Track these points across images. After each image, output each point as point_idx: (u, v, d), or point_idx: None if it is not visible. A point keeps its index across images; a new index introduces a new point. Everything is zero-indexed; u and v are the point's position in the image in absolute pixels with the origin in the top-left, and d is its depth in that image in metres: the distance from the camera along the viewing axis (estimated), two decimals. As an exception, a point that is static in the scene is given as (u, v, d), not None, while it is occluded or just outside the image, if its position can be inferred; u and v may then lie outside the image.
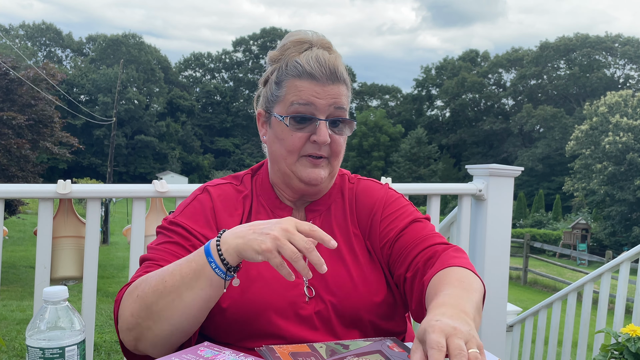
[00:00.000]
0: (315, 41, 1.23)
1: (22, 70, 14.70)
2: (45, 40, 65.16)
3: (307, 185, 1.21)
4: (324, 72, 1.17)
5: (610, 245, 25.98)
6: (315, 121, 1.17)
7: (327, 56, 1.19)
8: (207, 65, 70.83)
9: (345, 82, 1.23)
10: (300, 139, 1.18)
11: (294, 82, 1.18)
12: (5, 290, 9.84)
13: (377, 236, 1.25)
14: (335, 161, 1.22)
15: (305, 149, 1.19)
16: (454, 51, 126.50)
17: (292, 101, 1.18)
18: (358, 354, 1.04)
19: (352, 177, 1.35)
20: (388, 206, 1.27)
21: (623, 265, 3.25)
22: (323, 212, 1.27)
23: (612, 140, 28.66)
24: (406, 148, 50.33)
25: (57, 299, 0.94)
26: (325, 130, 1.17)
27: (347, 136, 1.25)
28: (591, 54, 50.47)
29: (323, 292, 1.17)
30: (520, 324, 3.97)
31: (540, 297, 12.19)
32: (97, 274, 2.12)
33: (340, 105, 1.19)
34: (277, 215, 1.24)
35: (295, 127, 1.18)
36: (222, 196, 1.25)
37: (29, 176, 13.39)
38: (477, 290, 1.04)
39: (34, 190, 2.07)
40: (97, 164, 54.08)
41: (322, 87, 1.17)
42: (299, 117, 1.18)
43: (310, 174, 1.19)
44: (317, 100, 1.17)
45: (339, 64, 1.20)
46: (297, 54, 1.20)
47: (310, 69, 1.17)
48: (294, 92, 1.18)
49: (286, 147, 1.20)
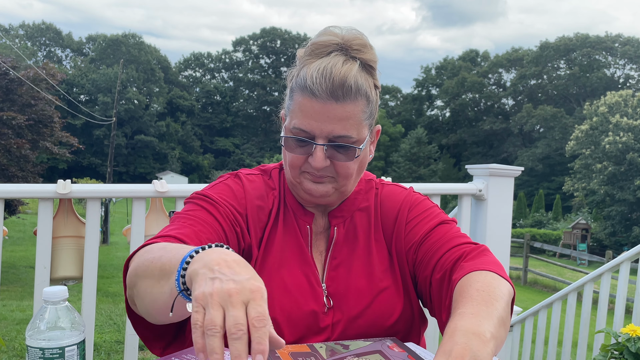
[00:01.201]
0: (342, 43, 1.10)
1: (22, 70, 14.70)
2: (45, 40, 65.14)
3: (310, 196, 1.15)
4: (325, 89, 1.05)
5: (610, 245, 25.99)
6: (312, 145, 1.09)
7: (339, 67, 1.07)
8: (207, 65, 70.81)
9: (358, 96, 1.09)
10: (298, 159, 1.12)
11: (299, 98, 1.09)
12: (5, 290, 9.83)
13: (402, 240, 1.21)
14: (343, 180, 1.14)
15: (306, 167, 1.13)
16: (454, 51, 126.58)
17: (294, 120, 1.10)
18: (358, 354, 1.04)
19: (377, 181, 1.30)
20: (413, 209, 1.23)
21: (623, 265, 3.24)
22: (347, 219, 1.22)
23: (612, 140, 28.66)
24: (406, 148, 50.33)
25: (57, 299, 0.94)
26: (320, 155, 1.08)
27: (361, 158, 1.14)
28: (591, 54, 50.48)
29: (342, 302, 1.15)
30: (520, 324, 3.97)
31: (540, 297, 12.19)
32: (97, 274, 2.12)
33: (341, 131, 1.08)
34: (300, 219, 1.20)
35: (292, 147, 1.12)
36: (254, 184, 1.20)
37: (29, 176, 13.39)
38: (501, 297, 0.96)
39: (34, 190, 2.07)
40: (97, 164, 54.07)
41: (322, 105, 1.06)
42: (294, 140, 1.11)
43: (313, 187, 1.13)
44: (313, 123, 1.07)
45: (350, 75, 1.07)
46: (313, 61, 1.10)
47: (312, 84, 1.06)
48: (297, 109, 1.10)
49: (288, 163, 1.15)
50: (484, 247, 1.15)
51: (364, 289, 1.16)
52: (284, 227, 1.18)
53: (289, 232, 1.18)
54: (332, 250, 1.19)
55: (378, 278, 1.18)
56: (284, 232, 1.18)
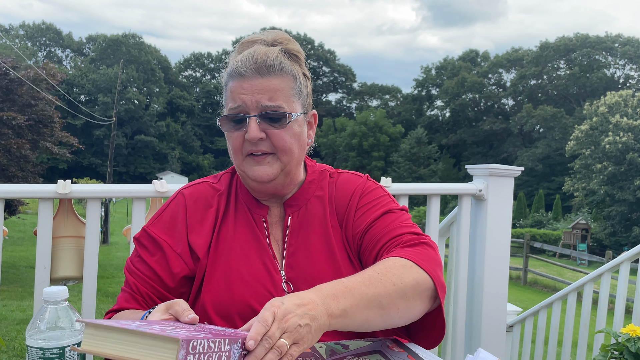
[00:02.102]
0: (266, 39, 1.20)
1: (22, 70, 14.70)
2: (45, 40, 65.13)
3: (258, 183, 1.19)
4: (250, 67, 1.13)
5: (610, 245, 25.97)
6: (245, 120, 1.15)
7: (262, 49, 1.16)
8: (207, 65, 70.80)
9: (283, 74, 1.16)
10: (237, 138, 1.17)
11: (229, 85, 1.18)
12: (5, 290, 9.84)
13: (351, 227, 1.24)
14: (284, 156, 1.18)
15: (245, 148, 1.17)
16: (454, 51, 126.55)
17: (228, 104, 1.17)
18: (358, 354, 1.04)
19: (334, 171, 1.34)
20: (364, 197, 1.27)
21: (623, 265, 3.24)
22: (301, 207, 1.26)
23: (612, 140, 28.65)
24: (406, 148, 50.31)
25: (57, 299, 0.94)
26: (254, 126, 1.14)
27: (300, 128, 1.20)
28: (591, 54, 50.46)
29: (302, 287, 1.17)
30: (520, 324, 3.97)
31: (540, 297, 12.19)
32: (97, 274, 2.12)
33: (268, 101, 1.14)
34: (255, 213, 1.25)
35: (230, 128, 1.18)
36: (195, 195, 1.26)
37: (29, 176, 13.39)
38: (394, 284, 1.02)
39: (34, 190, 2.06)
40: (97, 164, 54.06)
41: (249, 82, 1.14)
42: (230, 117, 1.17)
43: (256, 171, 1.18)
44: (244, 97, 1.14)
45: (272, 54, 1.15)
46: (239, 53, 1.19)
47: (238, 66, 1.15)
48: (229, 96, 1.17)
49: (231, 150, 1.21)
50: (425, 238, 1.18)
51: (325, 273, 1.19)
52: (236, 222, 1.24)
53: (243, 226, 1.23)
54: (288, 238, 1.23)
55: (339, 263, 1.21)
56: (236, 226, 1.23)
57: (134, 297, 1.18)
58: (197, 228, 1.22)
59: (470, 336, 2.64)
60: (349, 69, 68.95)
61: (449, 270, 2.71)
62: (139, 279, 1.19)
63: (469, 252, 2.66)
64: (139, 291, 1.18)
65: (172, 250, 1.20)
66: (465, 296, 2.63)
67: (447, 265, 2.76)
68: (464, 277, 2.62)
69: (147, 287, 1.18)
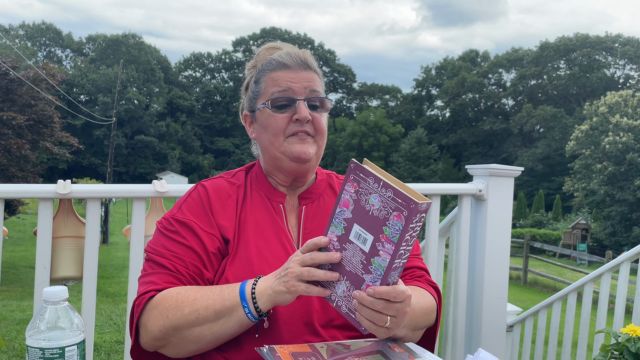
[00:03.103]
0: (287, 46, 1.35)
1: (22, 70, 14.69)
2: (45, 40, 65.13)
3: (297, 162, 1.28)
4: (295, 61, 1.29)
5: (610, 245, 25.98)
6: (295, 102, 1.27)
7: (297, 49, 1.33)
8: (207, 65, 70.82)
9: (317, 72, 1.32)
10: (283, 119, 1.27)
11: (270, 75, 1.30)
12: (5, 290, 9.84)
13: None
14: (320, 139, 1.31)
15: (290, 129, 1.28)
16: (454, 51, 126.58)
17: (272, 91, 1.28)
18: (359, 354, 1.04)
19: (339, 176, 1.45)
20: None
21: (623, 265, 3.24)
22: (315, 200, 1.36)
23: (612, 140, 28.65)
24: (406, 148, 50.32)
25: (57, 299, 0.94)
26: (304, 108, 1.27)
27: (327, 117, 1.36)
28: (591, 54, 50.47)
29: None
30: (520, 324, 3.97)
31: (540, 297, 12.19)
32: (97, 274, 2.12)
33: (314, 88, 1.29)
34: (272, 200, 1.34)
35: (277, 110, 1.28)
36: (214, 187, 1.34)
37: (29, 176, 13.38)
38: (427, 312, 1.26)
39: (34, 190, 2.06)
40: (97, 164, 54.05)
41: (295, 73, 1.28)
42: (280, 99, 1.27)
43: (299, 149, 1.27)
44: (293, 84, 1.27)
45: (308, 56, 1.32)
46: (269, 55, 1.33)
47: (282, 59, 1.29)
48: (271, 84, 1.29)
49: (272, 132, 1.28)
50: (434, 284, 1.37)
51: None
52: (255, 209, 1.32)
53: (262, 211, 1.32)
54: (304, 223, 1.33)
55: None
56: (255, 211, 1.32)
57: (176, 276, 1.21)
58: (221, 213, 1.29)
59: (470, 336, 2.64)
60: (349, 69, 68.98)
61: (449, 271, 2.71)
62: (176, 260, 1.22)
63: (469, 252, 2.65)
64: (178, 270, 1.21)
65: (203, 230, 1.25)
66: (465, 296, 2.63)
67: (447, 265, 2.76)
68: (464, 277, 2.62)
69: (188, 265, 1.22)
